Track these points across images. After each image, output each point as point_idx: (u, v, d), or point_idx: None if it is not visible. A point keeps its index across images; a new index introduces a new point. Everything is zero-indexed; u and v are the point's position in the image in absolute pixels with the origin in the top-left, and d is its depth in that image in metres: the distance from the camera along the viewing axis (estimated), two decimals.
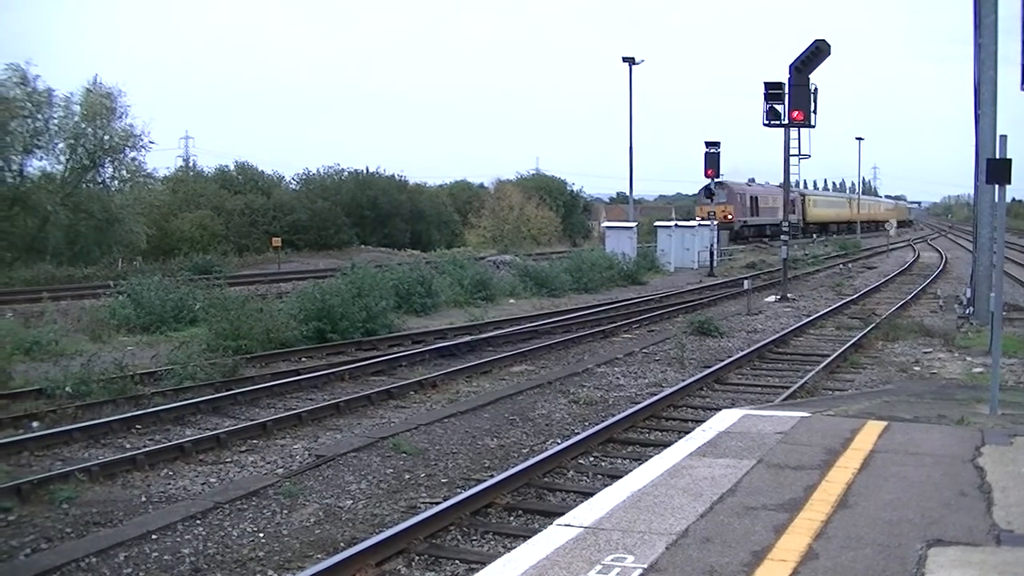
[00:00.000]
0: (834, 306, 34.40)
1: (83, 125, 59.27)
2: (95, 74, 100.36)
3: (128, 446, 15.43)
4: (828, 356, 22.16)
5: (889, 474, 9.25)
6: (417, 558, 10.11)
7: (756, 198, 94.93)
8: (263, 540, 10.97)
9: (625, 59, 63.48)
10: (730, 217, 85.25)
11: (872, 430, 11.29)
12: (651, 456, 11.32)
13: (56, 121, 59.13)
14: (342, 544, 10.67)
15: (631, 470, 10.53)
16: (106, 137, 58.95)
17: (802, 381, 19.01)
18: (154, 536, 11.00)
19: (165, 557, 10.42)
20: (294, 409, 17.68)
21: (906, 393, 16.06)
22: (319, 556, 10.28)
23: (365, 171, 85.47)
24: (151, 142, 61.68)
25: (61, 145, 59.03)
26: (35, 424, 16.72)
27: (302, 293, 28.54)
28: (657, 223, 65.66)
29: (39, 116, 58.49)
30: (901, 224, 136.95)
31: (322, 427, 16.62)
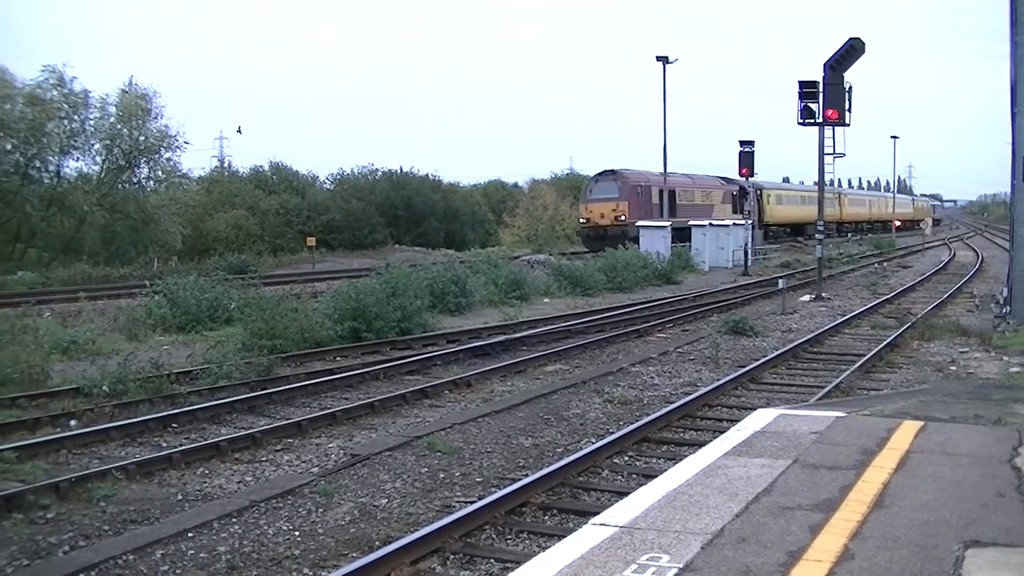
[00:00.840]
0: (869, 305, 34.19)
1: (119, 126, 59.69)
2: (130, 75, 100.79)
3: (164, 445, 15.51)
4: (863, 355, 22.02)
5: (925, 474, 9.20)
6: (452, 557, 10.11)
7: (674, 193, 70.56)
8: (298, 538, 11.01)
9: (659, 58, 63.38)
10: (622, 218, 66.76)
11: (908, 430, 11.24)
12: (686, 455, 11.30)
13: (92, 122, 59.62)
14: (377, 543, 10.68)
15: (666, 469, 10.52)
16: (141, 138, 59.35)
17: (837, 381, 18.92)
18: (190, 534, 11.05)
19: (201, 555, 10.47)
20: (329, 408, 17.74)
21: (942, 393, 15.96)
22: (354, 555, 10.29)
23: (399, 171, 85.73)
24: (186, 142, 62.13)
25: (97, 146, 59.57)
26: (73, 423, 16.84)
27: (337, 293, 28.60)
28: (692, 222, 65.48)
29: (75, 117, 58.96)
30: (917, 223, 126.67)
31: (357, 426, 16.67)
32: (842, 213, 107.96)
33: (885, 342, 23.93)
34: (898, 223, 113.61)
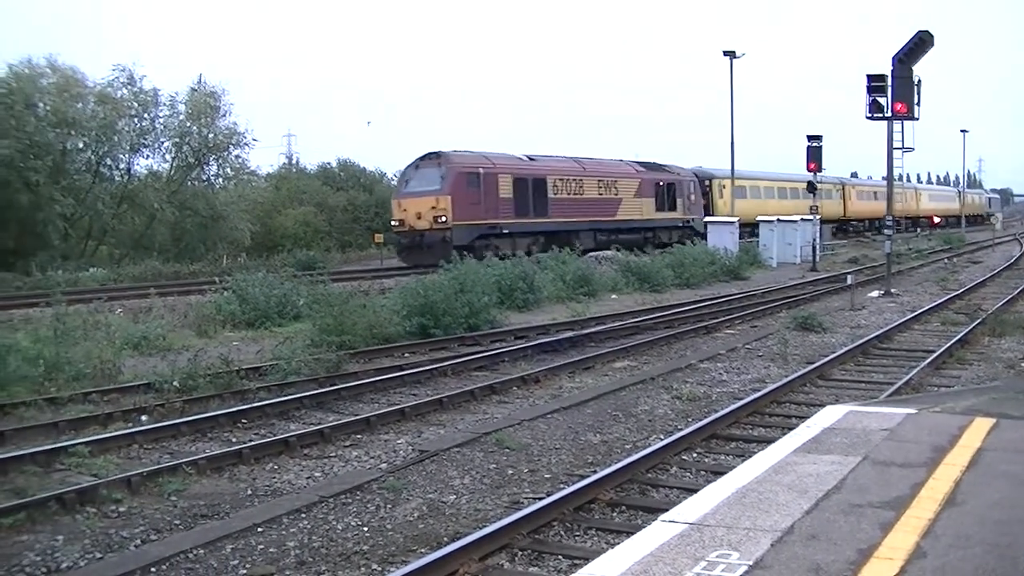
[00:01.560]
0: (939, 301, 33.79)
1: (188, 124, 60.42)
2: (199, 74, 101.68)
3: (234, 440, 15.63)
4: (933, 352, 21.76)
5: (998, 472, 9.08)
6: (520, 553, 10.11)
7: (544, 183, 54.64)
8: (367, 534, 11.04)
9: (726, 53, 63.17)
10: (443, 219, 48.54)
11: (980, 427, 11.11)
12: (755, 452, 11.23)
13: (162, 120, 60.40)
14: (445, 539, 10.69)
15: (735, 466, 10.45)
16: (210, 135, 60.03)
17: (907, 377, 18.72)
18: (260, 529, 11.12)
19: (271, 550, 10.53)
20: (397, 404, 17.78)
21: (1014, 390, 15.76)
22: (422, 550, 10.30)
23: None
24: (254, 140, 62.74)
25: (167, 144, 60.45)
26: (144, 418, 17.00)
27: (405, 289, 28.68)
28: (759, 217, 65.06)
29: (146, 116, 59.76)
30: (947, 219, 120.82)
31: (425, 422, 16.71)
32: (847, 208, 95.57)
33: (955, 338, 23.65)
34: (937, 219, 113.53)
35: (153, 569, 9.95)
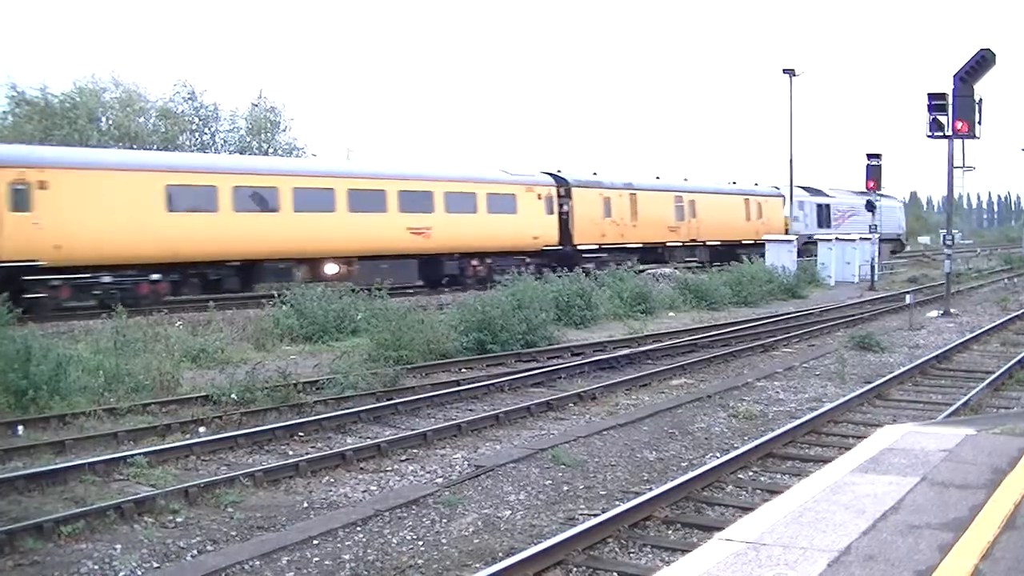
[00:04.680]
0: (999, 321, 33.42)
1: (248, 138, 60.81)
2: (260, 89, 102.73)
3: (291, 453, 15.72)
4: (993, 373, 21.53)
5: None
6: (575, 570, 10.08)
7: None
8: (422, 548, 11.05)
9: (785, 71, 62.93)
10: None
11: None
12: (812, 472, 11.15)
13: (222, 135, 60.82)
14: (500, 554, 10.68)
15: (791, 485, 10.39)
16: (271, 150, 60.32)
17: (966, 398, 18.53)
18: (316, 541, 11.17)
19: (326, 563, 10.56)
20: (454, 419, 17.84)
21: None
22: (477, 566, 10.30)
23: None
24: (313, 154, 63.10)
25: None
26: (202, 429, 17.15)
27: (463, 305, 28.76)
28: (817, 236, 65.03)
29: (206, 130, 60.40)
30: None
31: (482, 438, 16.73)
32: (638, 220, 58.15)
33: (1015, 359, 23.37)
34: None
35: None
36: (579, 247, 53.11)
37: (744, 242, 65.77)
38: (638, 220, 57.28)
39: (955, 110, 36.46)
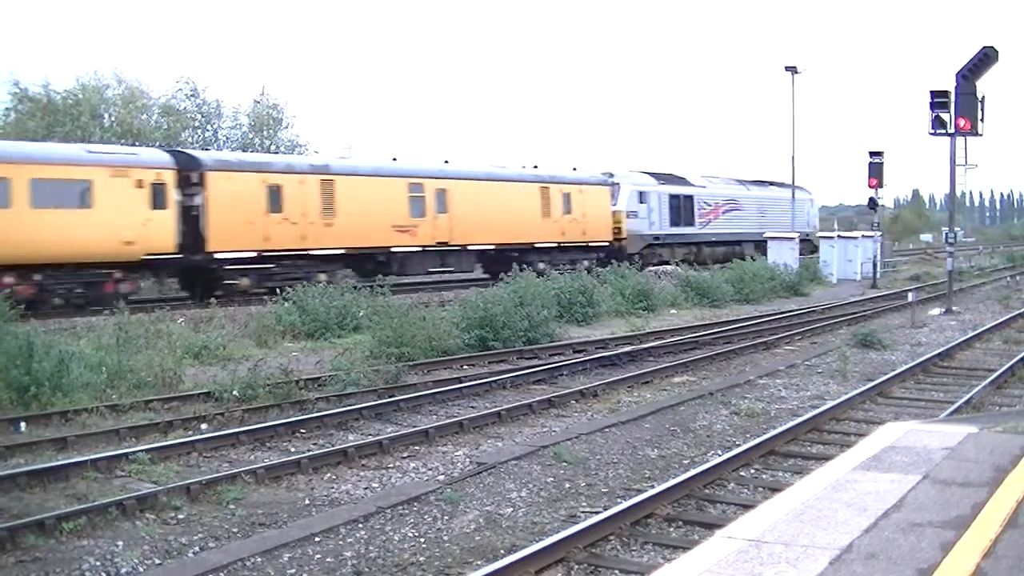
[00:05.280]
0: (1001, 319, 33.34)
1: (251, 135, 60.86)
2: (263, 87, 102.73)
3: (293, 450, 15.74)
4: (995, 371, 21.48)
5: None
6: (577, 567, 10.08)
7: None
8: (424, 545, 11.05)
9: (787, 68, 62.97)
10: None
11: None
12: (813, 469, 11.15)
13: (225, 132, 60.86)
14: (502, 551, 10.69)
15: (793, 483, 10.38)
16: (273, 147, 60.35)
17: (968, 396, 18.51)
18: (317, 538, 11.18)
19: (328, 559, 10.57)
20: (456, 416, 17.86)
21: None
22: (479, 563, 10.29)
23: None
24: (315, 152, 63.19)
25: None
26: (204, 426, 17.19)
27: (465, 301, 28.76)
28: (819, 234, 64.90)
29: (208, 127, 60.33)
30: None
31: (483, 435, 16.74)
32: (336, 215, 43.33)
33: (1018, 357, 23.33)
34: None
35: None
36: (219, 255, 38.02)
37: (540, 245, 50.16)
38: (336, 216, 41.43)
39: (958, 107, 36.40)
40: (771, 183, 71.81)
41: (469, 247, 47.53)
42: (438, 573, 10.21)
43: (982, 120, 36.98)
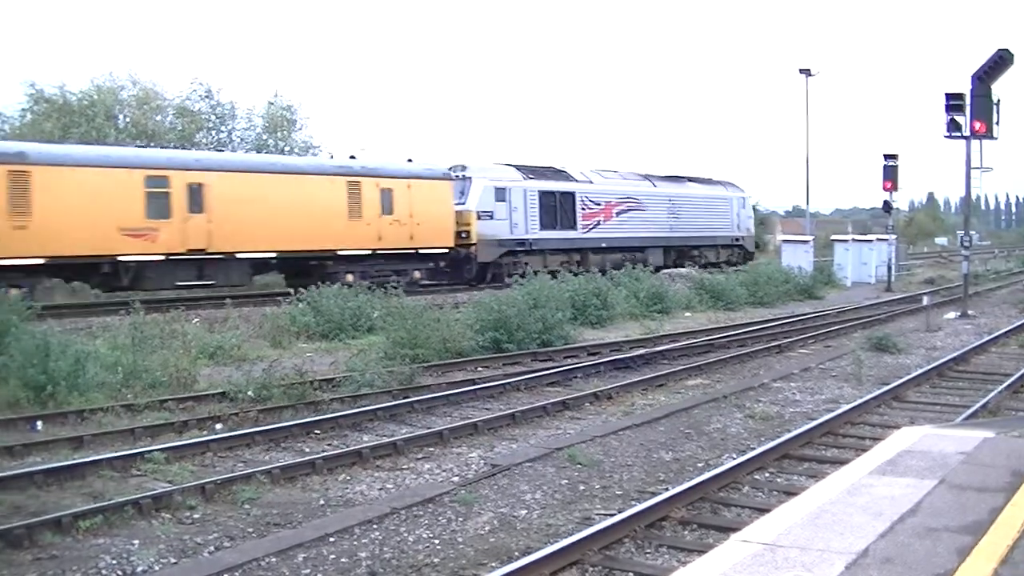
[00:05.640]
0: (1017, 323, 33.14)
1: (265, 137, 61.04)
2: (275, 89, 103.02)
3: (307, 450, 15.77)
4: (1011, 375, 21.39)
5: None
6: (591, 569, 10.08)
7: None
8: (438, 547, 11.06)
9: (801, 71, 62.99)
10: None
11: None
12: (828, 473, 11.14)
13: (239, 133, 61.04)
14: (516, 553, 10.69)
15: (808, 487, 10.38)
16: (286, 148, 60.53)
17: (984, 400, 18.45)
18: (332, 539, 11.20)
19: (342, 560, 10.58)
20: (470, 418, 17.88)
21: None
22: (493, 564, 10.30)
23: None
24: (330, 155, 63.44)
25: None
26: (218, 426, 17.23)
27: (479, 303, 28.79)
28: (834, 237, 64.50)
29: (223, 128, 60.52)
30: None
31: (498, 436, 16.75)
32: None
33: None
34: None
35: (226, 575, 10.04)
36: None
37: (346, 253, 40.78)
38: (32, 217, 32.27)
39: (973, 110, 36.31)
40: (690, 179, 63.31)
41: (239, 255, 37.59)
42: (453, 574, 10.22)
43: (997, 123, 36.88)
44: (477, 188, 47.03)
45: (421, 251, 43.92)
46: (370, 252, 41.96)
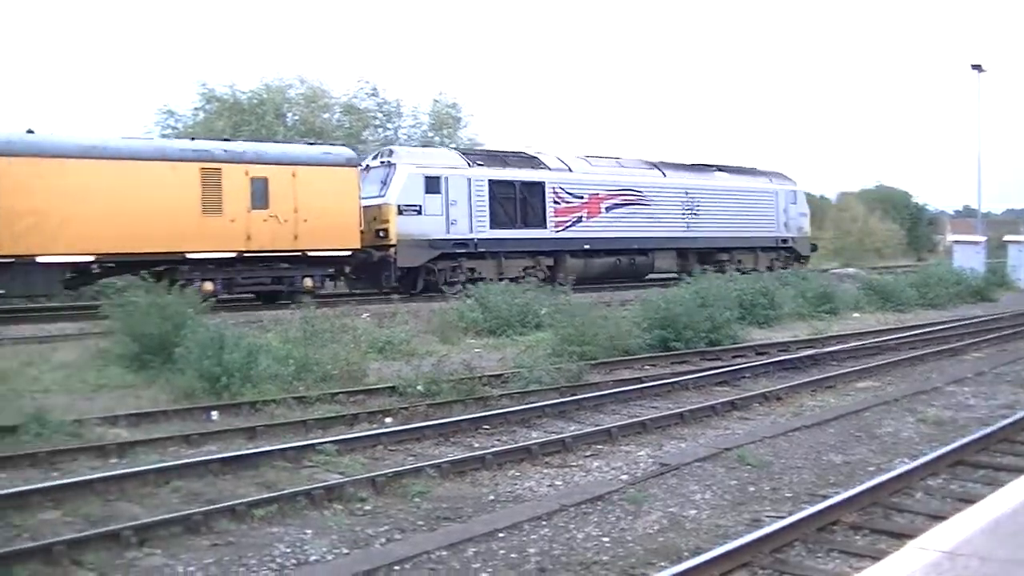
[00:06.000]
0: None
1: (431, 134, 61.74)
2: (440, 88, 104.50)
3: (476, 445, 15.88)
4: None
5: None
6: (760, 572, 9.97)
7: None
8: (607, 544, 11.04)
9: (973, 67, 61.50)
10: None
11: None
12: (1007, 481, 10.88)
13: (405, 131, 61.82)
14: (686, 553, 10.62)
15: (985, 494, 10.15)
16: (452, 145, 61.27)
17: None
18: (501, 534, 11.23)
19: (512, 555, 10.61)
20: (638, 416, 17.81)
21: None
22: (662, 564, 10.24)
23: None
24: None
25: None
26: (388, 420, 17.45)
27: (646, 301, 28.69)
28: (1007, 238, 62.82)
29: (388, 126, 61.36)
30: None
31: (666, 435, 16.67)
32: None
33: None
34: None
35: (397, 568, 10.15)
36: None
37: (200, 256, 32.63)
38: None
39: None
40: (720, 167, 52.85)
41: (40, 259, 30.10)
42: (622, 573, 10.17)
43: None
44: (400, 177, 38.54)
45: (311, 254, 35.31)
46: (235, 255, 33.67)
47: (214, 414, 17.77)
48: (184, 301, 22.85)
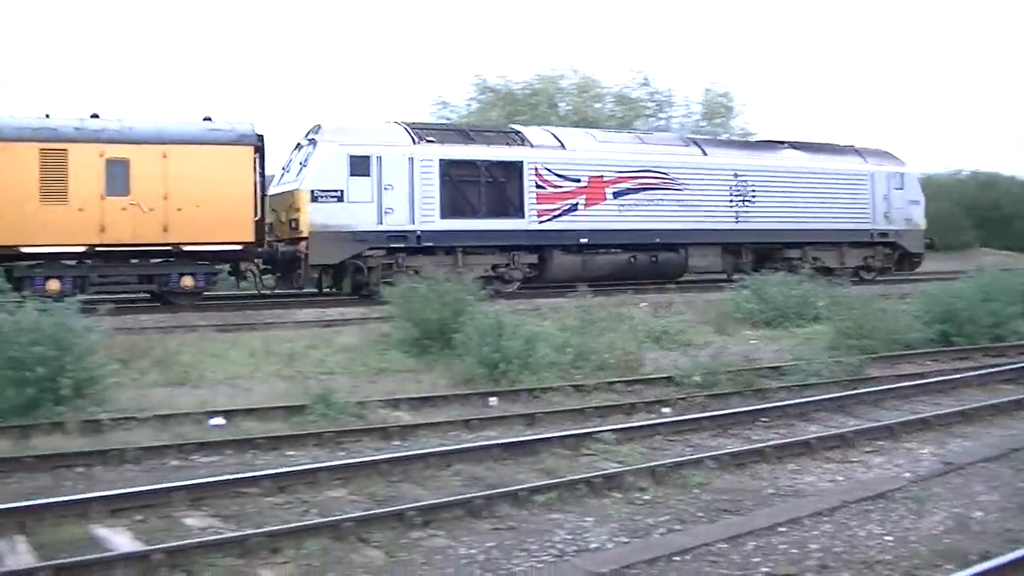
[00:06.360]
0: None
1: (703, 124, 61.73)
2: (712, 77, 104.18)
3: (754, 438, 15.80)
4: None
5: None
6: None
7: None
8: (890, 544, 10.82)
9: None
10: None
11: None
12: None
13: (677, 120, 61.97)
14: (973, 557, 10.33)
15: None
16: (724, 135, 61.04)
17: None
18: (782, 528, 11.13)
19: (792, 551, 10.51)
20: (919, 413, 17.40)
21: None
22: (948, 567, 10.00)
23: (983, 173, 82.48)
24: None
25: None
26: (666, 410, 17.54)
27: (926, 295, 28.03)
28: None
29: (660, 115, 61.56)
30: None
31: (949, 433, 16.23)
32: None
33: None
34: None
35: (677, 558, 10.15)
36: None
37: (38, 250, 28.31)
38: None
39: None
40: (794, 144, 43.62)
41: None
42: (905, 574, 9.98)
43: None
44: (319, 157, 32.44)
45: (187, 248, 30.10)
46: (85, 249, 29.02)
47: (493, 400, 18.16)
48: (464, 288, 23.35)
